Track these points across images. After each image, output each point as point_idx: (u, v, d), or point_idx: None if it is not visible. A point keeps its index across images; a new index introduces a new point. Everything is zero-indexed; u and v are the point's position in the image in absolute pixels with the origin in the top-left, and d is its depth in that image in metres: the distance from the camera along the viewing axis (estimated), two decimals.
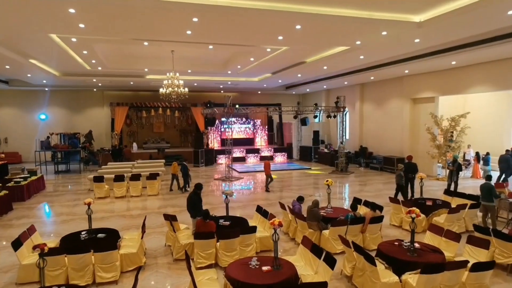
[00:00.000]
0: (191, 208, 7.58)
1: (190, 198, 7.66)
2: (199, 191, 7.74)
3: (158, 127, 24.76)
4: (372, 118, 20.37)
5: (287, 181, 16.09)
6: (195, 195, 7.67)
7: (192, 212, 7.55)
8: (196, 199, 7.63)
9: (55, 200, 12.45)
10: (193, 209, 7.54)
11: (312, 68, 15.43)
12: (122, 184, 12.80)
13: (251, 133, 25.86)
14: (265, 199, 12.23)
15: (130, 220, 9.90)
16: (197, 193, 7.72)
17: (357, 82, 20.45)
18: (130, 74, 17.90)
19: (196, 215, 7.49)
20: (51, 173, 18.43)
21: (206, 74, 18.30)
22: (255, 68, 16.28)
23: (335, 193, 13.21)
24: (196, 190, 7.73)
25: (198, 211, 7.54)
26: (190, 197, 7.70)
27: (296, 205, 8.19)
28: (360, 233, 7.44)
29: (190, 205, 7.61)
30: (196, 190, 7.73)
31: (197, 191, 7.73)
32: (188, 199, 7.70)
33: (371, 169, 18.89)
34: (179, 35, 9.37)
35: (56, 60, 14.07)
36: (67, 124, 23.35)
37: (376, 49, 11.21)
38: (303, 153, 23.26)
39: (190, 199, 7.65)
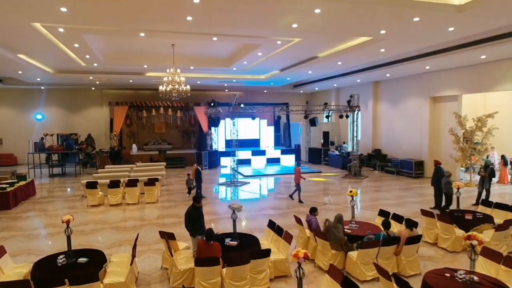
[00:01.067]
0: (190, 225, 6.38)
1: (189, 213, 6.46)
2: (198, 204, 6.53)
3: (159, 127, 23.63)
4: (386, 118, 19.08)
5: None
6: (194, 209, 6.47)
7: (192, 230, 6.35)
8: (195, 214, 6.43)
9: (44, 208, 11.33)
10: (193, 226, 6.34)
11: (325, 64, 14.18)
12: (118, 190, 11.65)
13: (256, 134, 24.59)
14: (275, 208, 11.03)
15: (124, 233, 8.73)
16: (197, 207, 6.52)
17: (370, 80, 19.17)
18: (128, 71, 16.76)
19: (196, 233, 6.30)
20: (45, 176, 17.35)
21: (210, 71, 17.13)
22: (262, 64, 15.07)
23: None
24: (195, 203, 6.53)
25: (199, 228, 6.35)
26: (188, 212, 6.50)
27: (312, 220, 6.97)
28: (393, 256, 6.22)
29: (188, 221, 6.40)
30: (194, 204, 6.53)
31: (196, 204, 6.52)
32: (187, 214, 6.50)
33: (386, 173, 17.62)
34: (178, 22, 8.19)
35: (47, 55, 12.95)
36: (64, 125, 22.28)
37: (402, 41, 9.95)
38: (312, 155, 22.02)
39: (189, 214, 6.45)
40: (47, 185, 15.51)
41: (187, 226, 6.42)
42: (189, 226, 6.37)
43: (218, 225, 9.27)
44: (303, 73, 16.99)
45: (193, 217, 6.36)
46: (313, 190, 14.13)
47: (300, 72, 16.78)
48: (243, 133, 24.09)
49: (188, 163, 20.57)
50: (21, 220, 10.02)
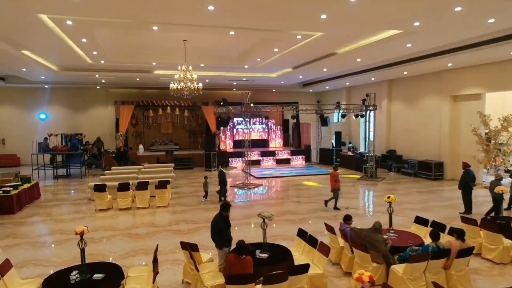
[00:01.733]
0: (216, 236, 5.74)
1: (216, 223, 5.82)
2: (226, 213, 5.88)
3: (166, 127, 23.02)
4: (401, 118, 18.41)
5: (314, 189, 14.21)
6: (221, 219, 5.83)
7: (219, 241, 5.72)
8: (223, 224, 5.80)
9: (49, 212, 10.71)
10: (220, 237, 5.71)
11: (343, 61, 13.55)
12: (127, 194, 11.03)
13: (265, 134, 23.95)
14: (294, 213, 10.38)
15: (137, 241, 8.10)
16: (224, 216, 5.88)
17: (385, 78, 18.52)
18: (136, 69, 16.15)
19: (223, 245, 5.68)
20: (50, 178, 16.74)
21: (220, 69, 16.50)
22: (276, 61, 14.45)
23: (379, 204, 11.32)
24: (222, 212, 5.88)
25: (226, 240, 5.73)
26: (215, 221, 5.86)
27: (347, 229, 6.33)
28: (442, 270, 5.58)
29: (215, 232, 5.76)
30: (222, 212, 5.89)
31: (224, 213, 5.88)
32: (213, 224, 5.86)
33: (403, 174, 16.96)
34: (198, 13, 7.56)
35: (52, 52, 12.35)
36: (68, 124, 21.70)
37: (433, 34, 9.29)
38: (324, 156, 21.37)
39: (215, 224, 5.81)
40: (52, 187, 14.91)
41: (214, 236, 5.79)
42: (216, 237, 5.74)
43: (235, 233, 8.62)
44: (317, 71, 16.35)
45: (221, 227, 5.72)
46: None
47: (314, 70, 16.16)
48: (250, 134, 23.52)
49: (196, 164, 19.97)
50: (25, 225, 9.41)
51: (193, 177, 16.88)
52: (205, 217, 9.98)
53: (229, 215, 5.94)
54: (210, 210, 10.74)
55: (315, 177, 16.74)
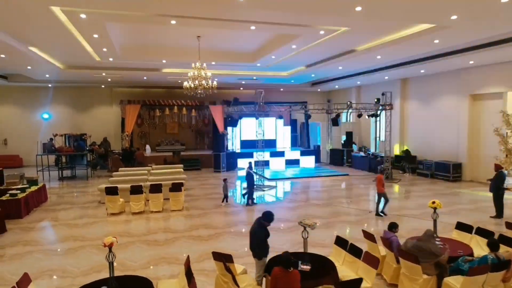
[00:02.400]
0: (257, 247, 5.25)
1: (255, 233, 5.32)
2: (268, 223, 5.36)
3: (172, 127, 22.51)
4: (415, 118, 17.96)
5: (329, 191, 13.75)
6: (261, 228, 5.33)
7: (258, 252, 5.23)
8: (262, 234, 5.30)
9: (59, 216, 10.20)
10: (260, 248, 5.22)
11: (361, 59, 13.08)
12: (140, 197, 10.52)
13: (272, 134, 23.43)
14: (317, 217, 9.87)
15: (156, 248, 7.60)
16: (264, 225, 5.37)
17: (399, 77, 18.07)
18: (145, 67, 15.65)
19: (263, 255, 5.19)
20: (55, 179, 16.20)
21: (231, 67, 16.00)
22: (290, 59, 13.98)
23: (404, 208, 10.85)
24: (263, 221, 5.36)
25: (265, 249, 5.24)
26: (255, 231, 5.36)
27: (393, 238, 5.85)
28: (501, 283, 5.11)
29: (255, 242, 5.27)
30: (262, 221, 5.38)
31: (264, 222, 5.36)
32: (253, 234, 5.36)
33: (419, 175, 16.51)
34: (227, 6, 7.07)
35: (60, 48, 11.83)
36: (72, 124, 21.17)
37: (469, 29, 8.79)
38: (334, 156, 20.90)
39: (254, 233, 5.32)
40: (58, 189, 14.38)
41: (253, 247, 5.30)
42: (256, 247, 5.25)
43: None
44: (332, 69, 15.87)
45: (260, 237, 5.24)
46: (346, 194, 13.02)
47: (328, 68, 15.68)
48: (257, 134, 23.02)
49: (204, 164, 19.48)
50: (35, 231, 8.89)
51: (202, 179, 16.38)
52: (224, 221, 9.50)
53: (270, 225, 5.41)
54: (229, 215, 10.26)
55: (328, 179, 16.28)
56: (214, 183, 15.24)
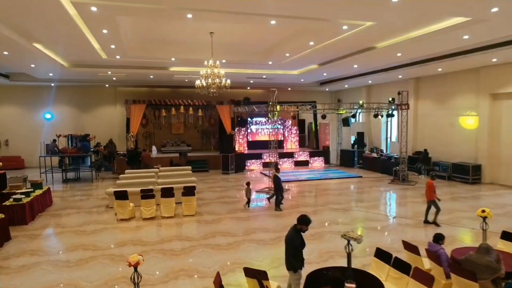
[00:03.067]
0: (292, 256, 4.71)
1: (292, 239, 4.78)
2: (305, 226, 4.83)
3: (177, 127, 21.96)
4: (430, 118, 17.42)
5: (345, 194, 13.21)
6: (297, 234, 4.79)
7: (293, 262, 4.69)
8: (298, 241, 4.77)
9: (65, 222, 9.64)
10: (296, 258, 4.68)
11: (380, 56, 12.55)
12: (151, 202, 9.96)
13: (281, 135, 22.89)
14: (339, 223, 9.34)
15: (174, 259, 7.04)
16: (302, 230, 4.85)
17: (412, 76, 17.54)
18: (152, 65, 15.10)
19: (298, 267, 4.66)
20: (58, 182, 15.65)
21: (242, 66, 15.46)
22: (304, 57, 13.46)
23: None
24: (300, 226, 4.85)
25: (301, 260, 4.71)
26: (291, 238, 4.82)
27: (441, 252, 5.31)
28: None
29: (291, 251, 4.73)
30: (298, 227, 4.85)
31: (301, 226, 4.84)
32: (289, 241, 4.83)
33: None
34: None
35: (66, 45, 11.30)
36: (75, 124, 20.64)
37: (505, 23, 8.25)
38: (345, 157, 20.35)
39: (292, 241, 4.78)
40: (62, 192, 13.82)
41: (288, 257, 4.76)
42: (291, 257, 4.70)
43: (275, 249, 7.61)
44: (346, 67, 15.32)
45: (297, 245, 4.70)
46: (366, 198, 12.48)
47: (343, 67, 15.13)
48: (265, 134, 22.53)
49: (212, 166, 18.92)
50: (41, 239, 8.34)
51: (211, 181, 15.83)
52: (242, 228, 8.95)
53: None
54: (245, 220, 9.71)
55: (341, 181, 15.74)
56: (224, 186, 14.70)
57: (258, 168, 19.60)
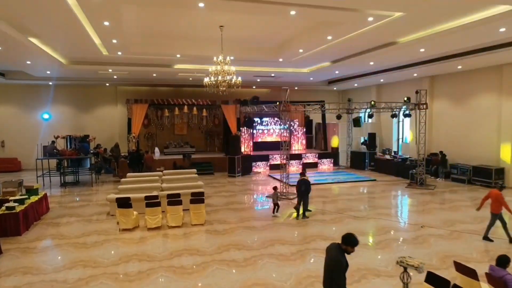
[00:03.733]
0: (334, 283, 3.87)
1: (337, 262, 3.90)
2: (351, 248, 4.01)
3: (180, 128, 21.12)
4: (446, 118, 16.61)
5: (362, 199, 12.41)
6: (343, 256, 3.97)
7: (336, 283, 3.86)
8: (344, 264, 3.95)
9: (63, 233, 8.80)
10: (339, 284, 3.84)
11: (401, 52, 11.73)
12: (157, 210, 9.13)
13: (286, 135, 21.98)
14: (366, 233, 8.53)
15: (185, 278, 6.22)
16: (347, 251, 4.04)
17: (427, 74, 16.73)
18: (155, 62, 14.26)
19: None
20: (56, 185, 14.83)
21: (250, 63, 14.62)
22: (317, 53, 12.64)
23: (461, 221, 9.47)
24: (344, 245, 4.02)
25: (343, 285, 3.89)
26: (335, 260, 3.93)
27: (507, 277, 4.49)
28: None
29: (336, 275, 3.87)
30: (343, 247, 4.02)
31: (346, 247, 4.02)
32: (332, 263, 3.95)
33: (453, 181, 15.16)
34: None
35: (64, 40, 10.49)
36: (74, 125, 19.82)
37: None
38: (355, 159, 19.54)
39: (336, 264, 3.91)
40: (60, 197, 12.99)
41: (329, 282, 3.92)
42: (332, 283, 3.87)
43: (294, 266, 6.81)
44: (361, 64, 14.49)
45: (342, 268, 3.87)
46: (385, 205, 11.68)
47: (358, 64, 14.30)
48: (271, 135, 21.75)
49: (217, 168, 18.11)
50: (36, 254, 7.50)
51: (217, 185, 15.02)
52: (257, 239, 8.14)
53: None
54: (258, 230, 8.88)
55: (354, 184, 14.93)
56: (232, 190, 13.89)
57: (265, 170, 18.81)
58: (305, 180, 9.97)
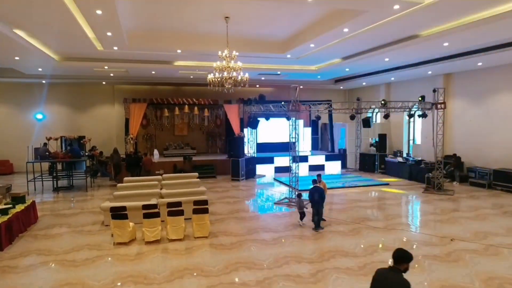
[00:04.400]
0: None
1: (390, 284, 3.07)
2: (406, 264, 3.38)
3: (180, 129, 20.18)
4: (462, 118, 15.69)
5: (379, 207, 11.46)
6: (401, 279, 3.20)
7: None
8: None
9: (50, 247, 7.86)
10: None
11: (420, 47, 10.80)
12: (156, 221, 8.17)
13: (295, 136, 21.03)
14: (391, 249, 7.60)
15: None
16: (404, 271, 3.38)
17: (442, 72, 15.81)
18: (155, 59, 13.34)
19: None
20: (49, 190, 13.89)
21: (256, 60, 13.69)
22: (329, 48, 11.71)
23: (490, 234, 8.53)
24: (403, 265, 3.38)
25: None
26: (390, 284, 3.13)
27: None
28: None
29: None
30: (401, 268, 3.38)
31: (405, 266, 3.39)
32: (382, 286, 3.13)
33: (471, 185, 14.24)
34: None
35: (54, 32, 9.54)
36: (69, 126, 18.93)
37: None
38: (365, 162, 18.61)
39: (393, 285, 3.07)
40: (52, 203, 12.04)
41: None
42: None
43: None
44: (374, 61, 13.57)
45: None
46: (404, 214, 10.74)
47: (371, 60, 13.38)
48: (276, 136, 20.83)
49: (219, 171, 17.18)
50: (18, 273, 6.54)
51: (220, 190, 14.07)
52: (269, 256, 7.17)
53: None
54: (269, 244, 7.92)
55: (366, 189, 14.01)
56: (236, 196, 12.95)
57: (270, 173, 17.88)
58: (317, 188, 9.04)
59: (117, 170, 15.08)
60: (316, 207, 8.85)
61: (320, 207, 8.88)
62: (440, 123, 13.31)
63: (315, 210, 8.92)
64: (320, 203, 8.85)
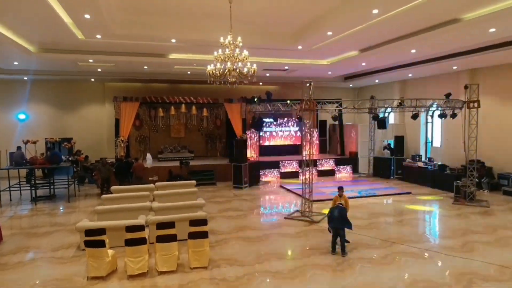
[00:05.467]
0: None
1: None
2: None
3: (177, 130, 18.55)
4: (490, 119, 13.98)
5: (410, 223, 9.78)
6: None
7: None
8: None
9: (7, 282, 6.17)
10: None
11: (460, 34, 9.14)
12: (142, 249, 6.47)
13: (298, 138, 19.40)
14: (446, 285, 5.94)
15: None
16: None
17: (467, 67, 14.19)
18: (146, 50, 11.63)
19: None
20: (26, 201, 12.20)
21: (261, 53, 11.99)
22: (349, 37, 10.04)
23: None
24: None
25: None
26: None
27: None
28: None
29: None
30: None
31: None
32: None
33: (504, 194, 12.61)
34: None
35: (24, 17, 7.85)
36: (55, 127, 17.34)
37: None
38: (379, 166, 16.94)
39: None
40: (25, 218, 10.33)
41: None
42: None
43: None
44: (397, 53, 11.90)
45: None
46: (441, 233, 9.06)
47: (393, 52, 11.71)
48: (281, 138, 19.24)
49: (219, 177, 15.49)
50: None
51: (222, 200, 12.40)
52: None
53: None
54: (286, 278, 6.23)
55: (386, 199, 12.36)
56: (240, 208, 11.25)
57: (276, 180, 16.26)
58: (339, 207, 7.40)
59: (107, 186, 13.00)
60: (335, 227, 7.22)
61: (340, 229, 7.23)
62: (472, 124, 11.64)
63: (334, 231, 7.28)
64: (340, 223, 7.19)
